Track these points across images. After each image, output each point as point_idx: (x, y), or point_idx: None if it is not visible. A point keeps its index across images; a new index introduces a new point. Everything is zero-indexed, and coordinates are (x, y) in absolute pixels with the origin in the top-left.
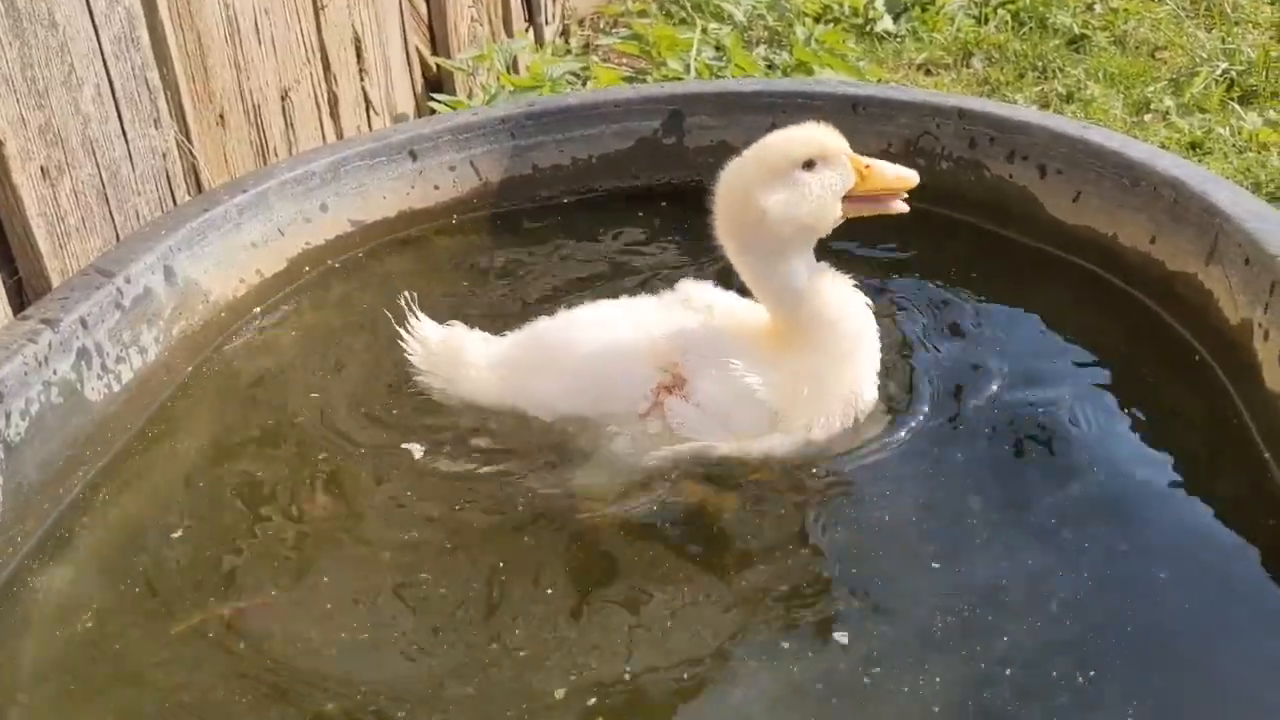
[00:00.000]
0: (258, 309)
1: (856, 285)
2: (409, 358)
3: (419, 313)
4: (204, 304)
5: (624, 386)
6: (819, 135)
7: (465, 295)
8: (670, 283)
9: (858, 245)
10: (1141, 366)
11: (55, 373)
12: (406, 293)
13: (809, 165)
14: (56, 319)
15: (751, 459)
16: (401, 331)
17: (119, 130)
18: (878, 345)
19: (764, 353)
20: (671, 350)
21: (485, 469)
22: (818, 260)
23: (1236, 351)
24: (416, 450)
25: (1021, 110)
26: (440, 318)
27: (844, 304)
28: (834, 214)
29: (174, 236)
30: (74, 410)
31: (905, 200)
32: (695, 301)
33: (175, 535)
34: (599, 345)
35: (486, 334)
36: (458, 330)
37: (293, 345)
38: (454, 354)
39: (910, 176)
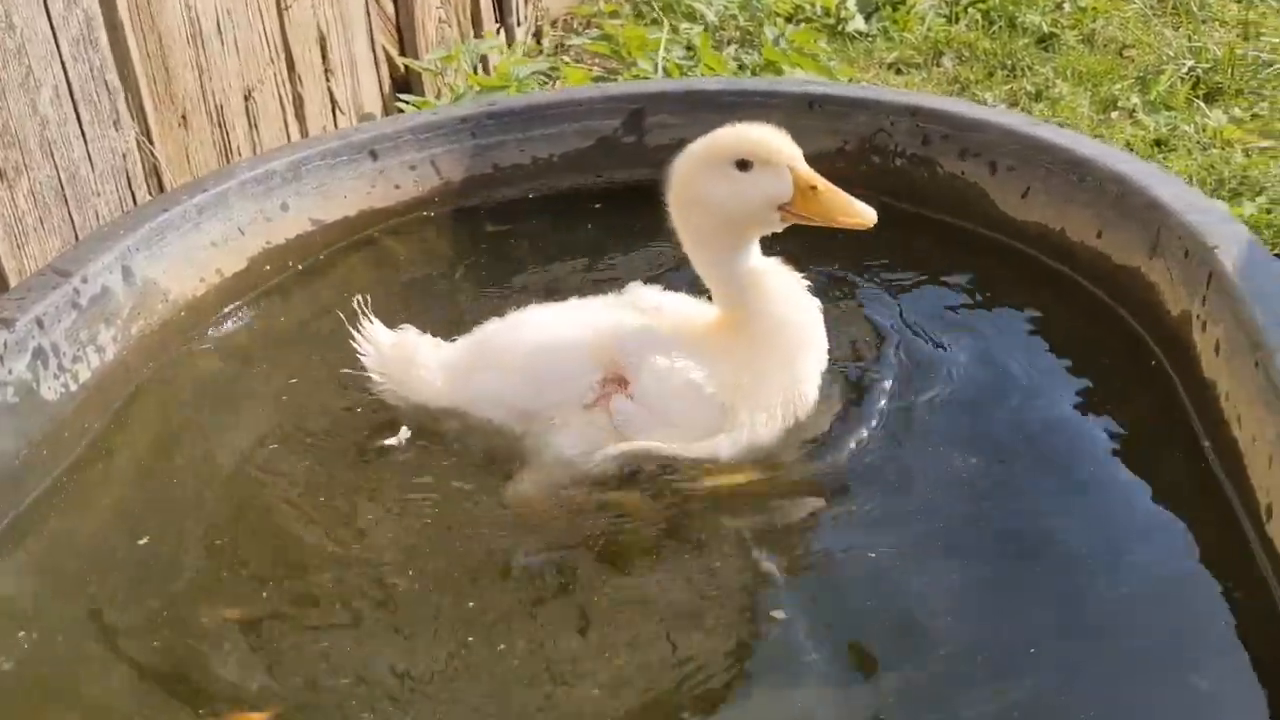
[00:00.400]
0: (218, 308)
1: (808, 279)
2: (362, 361)
3: (371, 317)
4: (163, 303)
5: (569, 380)
6: (760, 137)
7: (424, 296)
8: (627, 281)
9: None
10: (1091, 356)
11: (11, 372)
12: (359, 296)
13: (743, 165)
14: (12, 319)
15: (694, 459)
16: (354, 335)
17: (78, 131)
18: (824, 345)
19: (708, 350)
20: (615, 347)
21: (435, 474)
22: (777, 253)
23: (1178, 341)
24: (393, 439)
25: (973, 108)
26: (398, 319)
27: (789, 301)
28: (763, 219)
29: (132, 236)
30: (31, 410)
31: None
32: (643, 303)
33: (141, 542)
34: (543, 342)
35: (438, 339)
36: (409, 334)
37: (253, 344)
38: (406, 358)
39: (866, 217)
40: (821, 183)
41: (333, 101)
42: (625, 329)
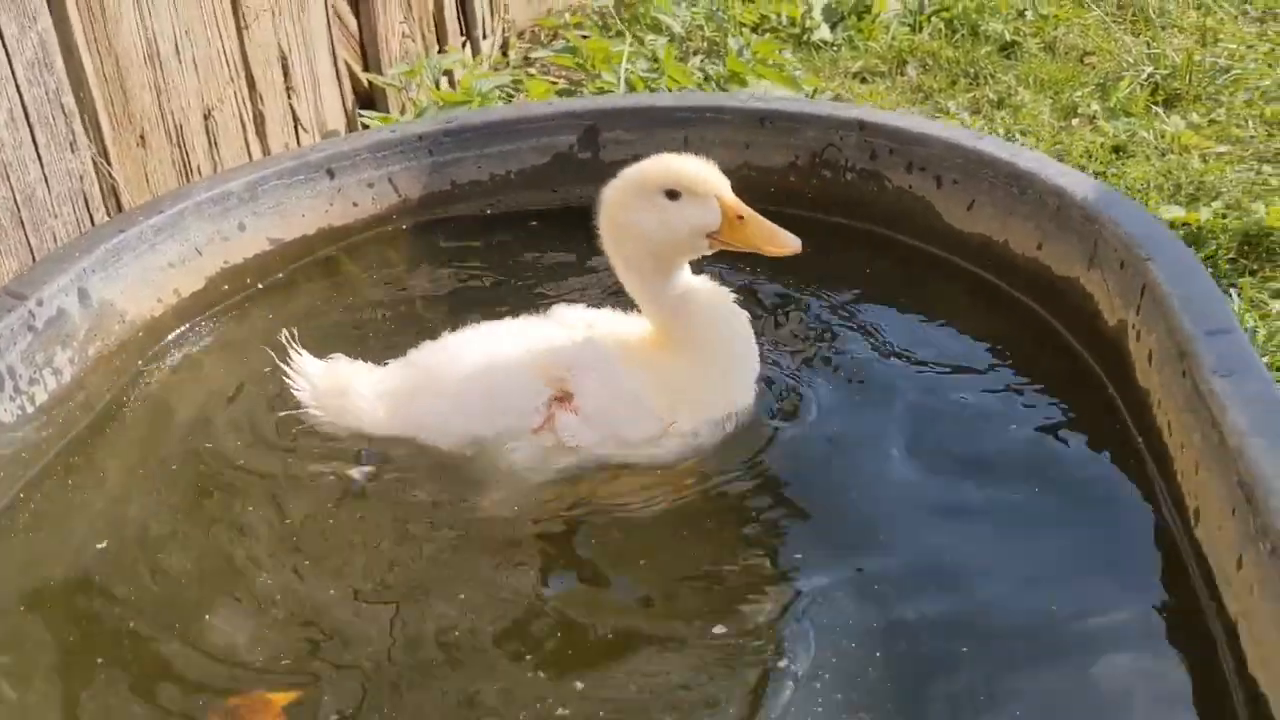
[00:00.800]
0: (176, 328)
1: (753, 293)
2: (295, 394)
3: (299, 349)
4: (120, 324)
5: (515, 403)
6: (689, 169)
7: (382, 315)
8: (586, 295)
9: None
10: (1033, 363)
11: None
12: (285, 331)
13: (672, 195)
14: None
15: (640, 463)
16: (285, 369)
17: (33, 154)
18: (755, 353)
19: (646, 361)
20: (559, 364)
21: (392, 496)
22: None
23: (1114, 351)
24: (357, 474)
25: (919, 122)
26: (354, 339)
27: (721, 318)
28: (690, 246)
29: (88, 258)
30: None
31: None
32: (569, 321)
33: (100, 546)
34: (488, 366)
35: (370, 363)
36: (340, 363)
37: (212, 365)
38: (339, 388)
39: (790, 246)
40: (747, 212)
41: (295, 119)
42: (568, 345)
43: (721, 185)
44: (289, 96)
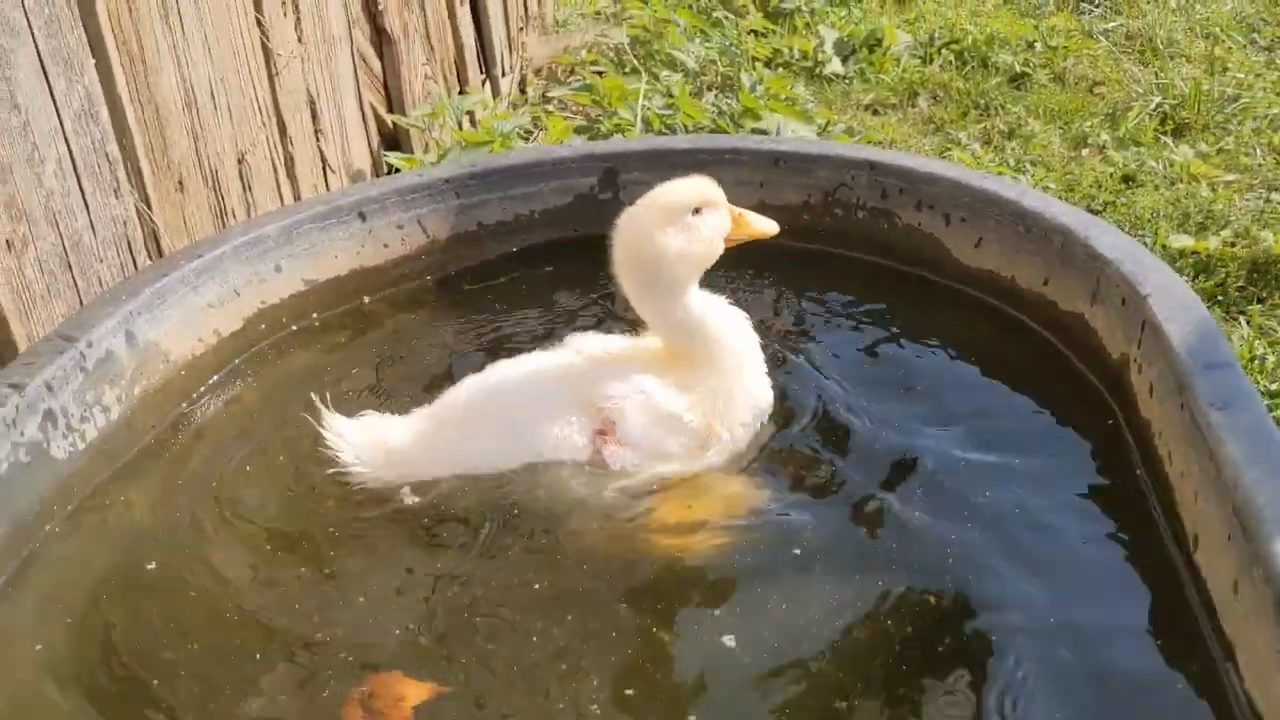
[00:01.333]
0: (217, 368)
1: (773, 322)
2: (334, 457)
3: (330, 410)
4: (164, 364)
5: (564, 442)
6: (704, 187)
7: (415, 352)
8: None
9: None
10: (1043, 395)
11: (23, 434)
12: (315, 394)
13: (697, 211)
14: (23, 384)
15: (691, 473)
16: (322, 432)
17: (81, 202)
18: (759, 348)
19: (674, 380)
20: (595, 397)
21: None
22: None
23: (1119, 382)
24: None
25: (928, 162)
26: (388, 376)
27: (730, 323)
28: (719, 250)
29: (134, 301)
30: (40, 468)
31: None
32: (588, 350)
33: (148, 568)
34: (531, 405)
35: (402, 412)
36: (370, 419)
37: (252, 402)
38: (377, 443)
39: (770, 229)
40: (739, 210)
41: (323, 161)
42: (602, 377)
43: (723, 194)
44: (317, 139)
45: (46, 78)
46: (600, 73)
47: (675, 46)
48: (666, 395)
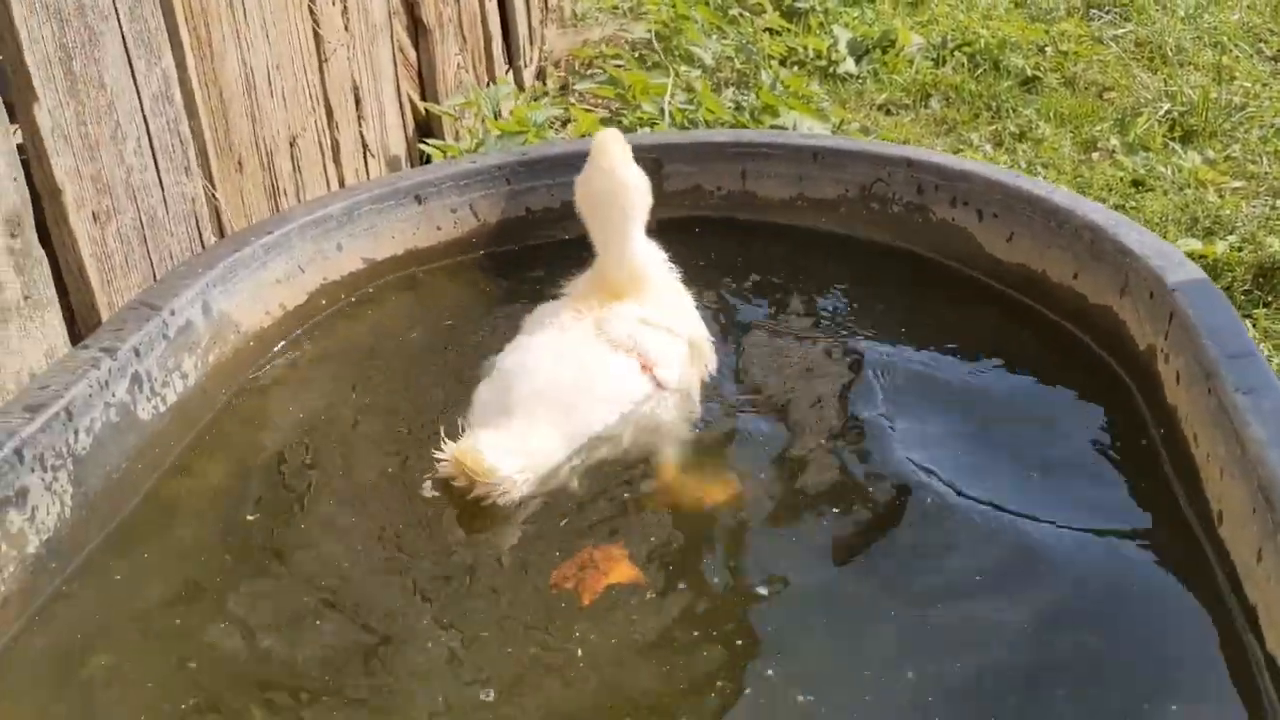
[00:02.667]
0: (280, 339)
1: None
2: (494, 472)
3: (444, 440)
4: (235, 334)
5: (637, 385)
6: None
7: (462, 329)
8: None
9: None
10: (1070, 381)
11: (114, 395)
12: (441, 429)
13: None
14: (114, 348)
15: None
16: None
17: (156, 179)
18: None
19: (640, 307)
20: (619, 339)
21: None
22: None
23: (1144, 372)
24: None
25: (962, 161)
26: (440, 351)
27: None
28: None
29: (210, 274)
30: (128, 428)
31: None
32: (571, 310)
33: (250, 516)
34: (590, 365)
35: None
36: (498, 429)
37: (313, 371)
38: (520, 446)
39: None
40: None
41: (365, 146)
42: (618, 326)
43: None
44: (359, 125)
45: (129, 59)
46: (620, 66)
47: (693, 43)
48: (649, 315)
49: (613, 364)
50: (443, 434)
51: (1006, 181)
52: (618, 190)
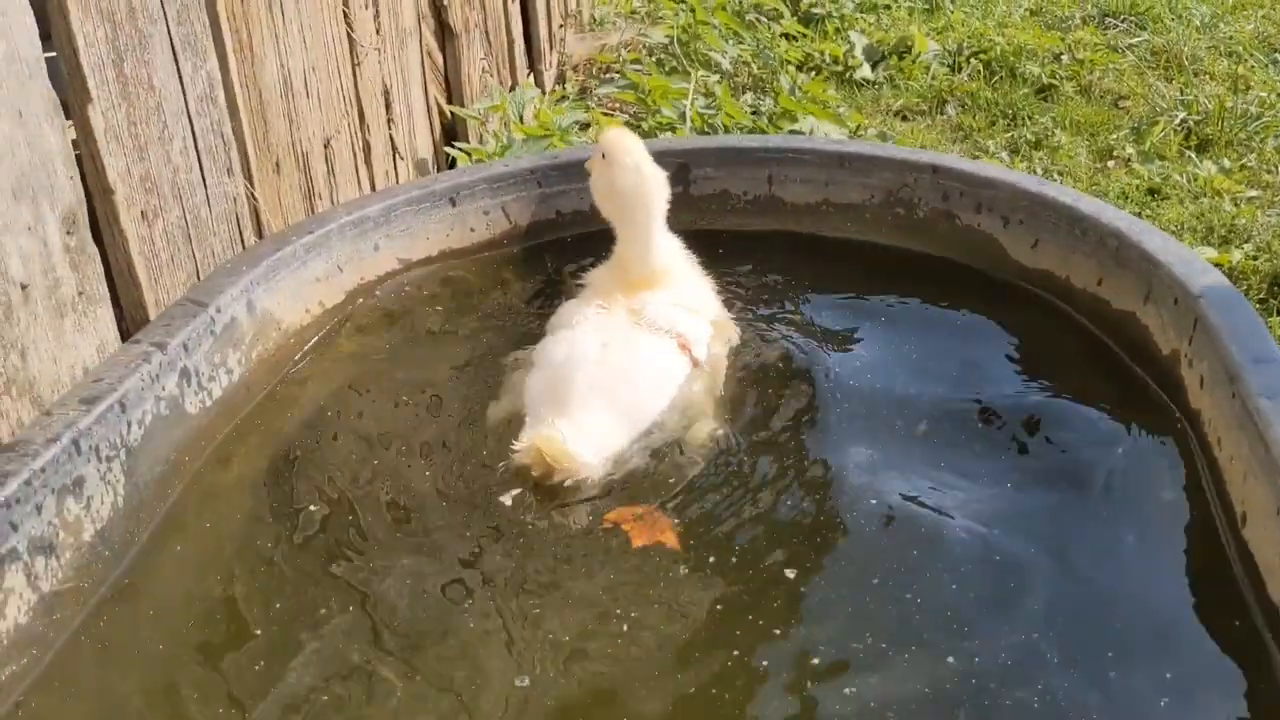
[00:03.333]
0: (317, 336)
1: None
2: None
3: (524, 430)
4: (277, 331)
5: (679, 365)
6: None
7: (493, 327)
8: None
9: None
10: (1095, 385)
11: (164, 389)
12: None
13: None
14: (164, 343)
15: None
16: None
17: (199, 179)
18: None
19: (683, 299)
20: (654, 322)
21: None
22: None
23: (1169, 376)
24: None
25: (987, 167)
26: (474, 344)
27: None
28: None
29: (254, 272)
30: (177, 421)
31: None
32: (597, 304)
33: (312, 508)
34: (637, 348)
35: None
36: (569, 421)
37: (351, 367)
38: (591, 436)
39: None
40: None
41: (394, 148)
42: (652, 310)
43: None
44: (389, 128)
45: (177, 61)
46: (638, 70)
47: (712, 48)
48: (677, 298)
49: (658, 347)
50: (525, 424)
51: (1032, 188)
52: (644, 186)
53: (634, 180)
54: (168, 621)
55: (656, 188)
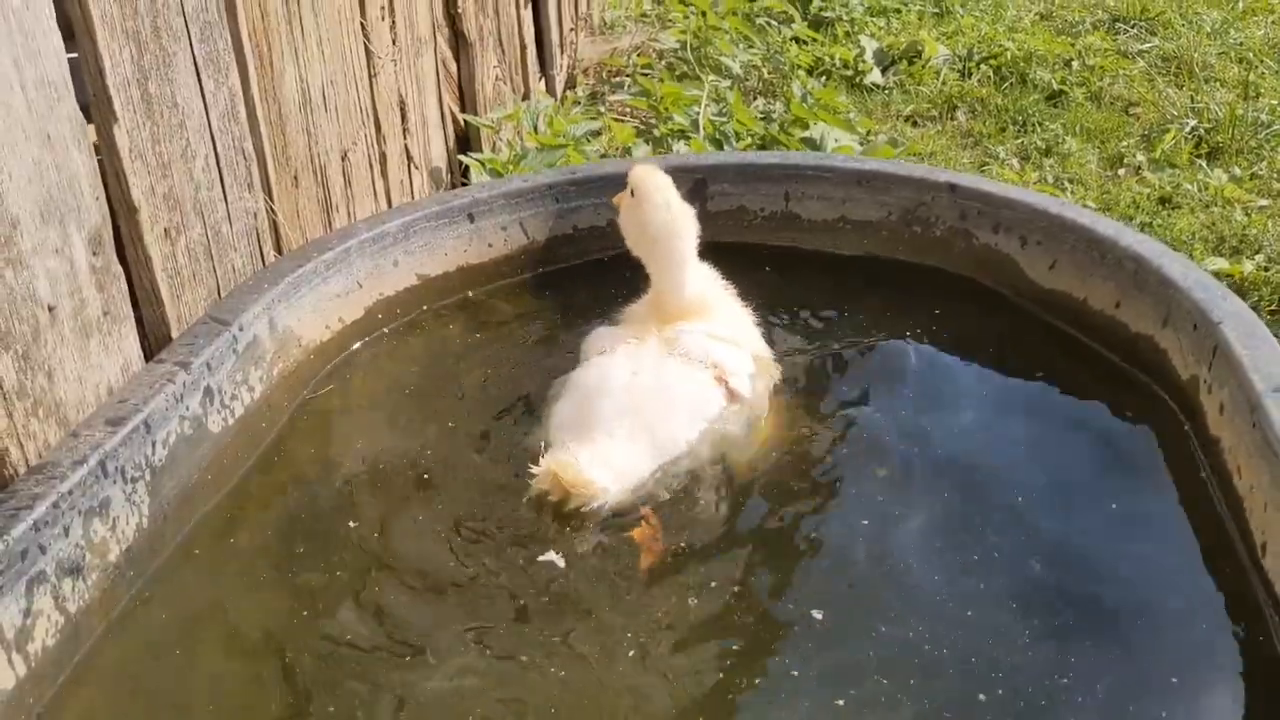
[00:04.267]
0: (339, 352)
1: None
2: (592, 492)
3: (541, 456)
4: (298, 348)
5: (714, 397)
6: None
7: (511, 342)
8: None
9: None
10: (1109, 410)
11: (188, 408)
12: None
13: None
14: (188, 362)
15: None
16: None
17: (221, 195)
18: None
19: (724, 331)
20: (692, 352)
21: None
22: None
23: (1188, 401)
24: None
25: (1005, 187)
26: (498, 361)
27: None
28: None
29: (275, 289)
30: (200, 440)
31: None
32: (628, 332)
33: (353, 525)
34: (669, 380)
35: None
36: (585, 445)
37: (371, 385)
38: (610, 462)
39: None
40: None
41: (409, 159)
42: (691, 341)
43: None
44: (405, 138)
45: (199, 79)
46: (647, 74)
47: (723, 53)
48: (715, 329)
49: (691, 377)
50: (541, 449)
51: (1050, 209)
52: (675, 225)
53: (665, 218)
54: (187, 640)
55: (687, 223)
